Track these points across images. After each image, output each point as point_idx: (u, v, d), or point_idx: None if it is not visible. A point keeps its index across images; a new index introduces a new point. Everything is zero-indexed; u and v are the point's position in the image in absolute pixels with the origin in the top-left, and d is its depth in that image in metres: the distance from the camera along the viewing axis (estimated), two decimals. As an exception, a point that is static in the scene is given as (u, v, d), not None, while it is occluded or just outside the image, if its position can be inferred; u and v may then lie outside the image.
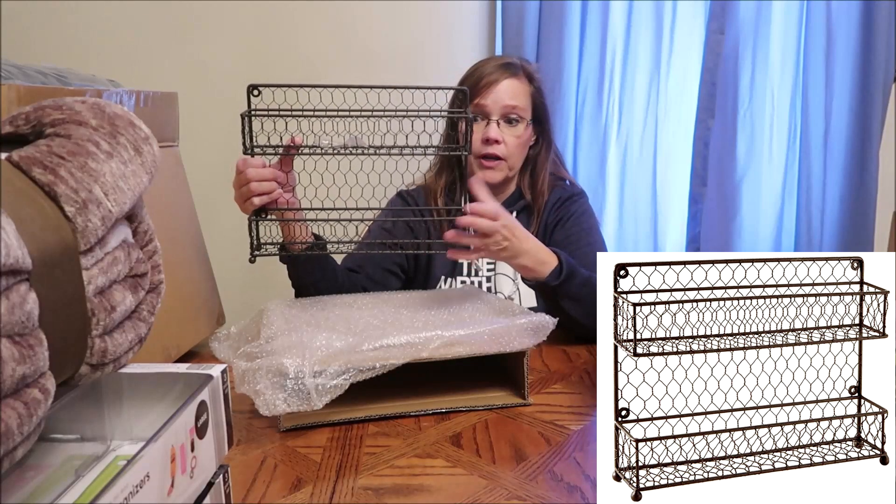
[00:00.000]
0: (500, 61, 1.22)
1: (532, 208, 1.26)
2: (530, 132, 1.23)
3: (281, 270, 1.82)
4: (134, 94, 0.93)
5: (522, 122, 1.20)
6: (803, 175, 1.77)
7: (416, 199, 1.29)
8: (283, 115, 0.85)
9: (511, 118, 1.19)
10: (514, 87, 1.20)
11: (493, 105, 1.18)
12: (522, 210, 1.27)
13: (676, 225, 1.84)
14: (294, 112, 0.85)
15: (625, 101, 1.76)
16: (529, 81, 1.23)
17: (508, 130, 1.20)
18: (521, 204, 1.27)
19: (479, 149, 1.19)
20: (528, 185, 1.27)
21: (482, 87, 1.18)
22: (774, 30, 1.73)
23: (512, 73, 1.20)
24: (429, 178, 1.31)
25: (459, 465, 0.70)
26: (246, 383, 0.73)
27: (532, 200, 1.27)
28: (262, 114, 0.85)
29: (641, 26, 1.73)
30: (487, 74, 1.19)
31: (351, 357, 0.75)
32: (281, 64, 1.75)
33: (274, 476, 0.68)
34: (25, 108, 0.37)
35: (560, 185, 1.29)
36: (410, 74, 1.79)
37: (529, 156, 1.26)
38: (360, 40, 1.76)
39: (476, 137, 1.19)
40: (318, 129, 0.86)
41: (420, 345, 0.77)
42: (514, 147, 1.20)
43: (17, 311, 0.28)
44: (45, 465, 0.40)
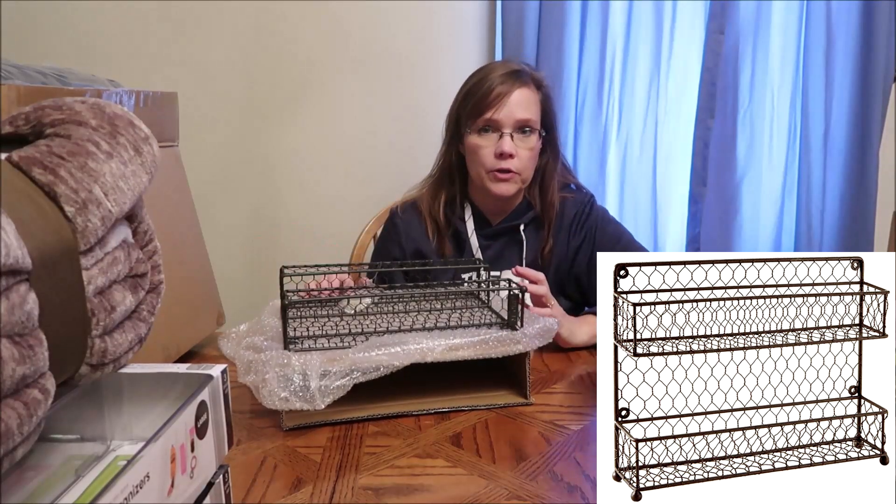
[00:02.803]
0: (507, 69, 1.18)
1: (542, 220, 1.24)
2: (540, 141, 1.21)
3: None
4: (134, 94, 0.93)
5: (534, 133, 1.18)
6: (803, 175, 1.77)
7: (409, 223, 1.26)
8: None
9: (525, 129, 1.17)
10: (526, 97, 1.17)
11: (507, 119, 1.15)
12: (531, 222, 1.24)
13: (676, 225, 1.84)
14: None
15: (625, 101, 1.76)
16: (538, 89, 1.20)
17: (521, 143, 1.17)
18: (530, 215, 1.24)
19: (492, 163, 1.17)
20: (538, 196, 1.24)
21: (493, 99, 1.15)
22: (774, 30, 1.73)
23: (522, 83, 1.17)
24: (424, 193, 1.28)
25: (460, 465, 0.70)
26: (252, 373, 0.73)
27: (542, 212, 1.24)
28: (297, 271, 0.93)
29: (641, 26, 1.73)
30: (497, 85, 1.15)
31: (356, 358, 0.75)
32: (280, 64, 1.75)
33: (274, 476, 0.68)
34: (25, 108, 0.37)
35: (570, 198, 1.26)
36: (410, 74, 1.79)
37: (538, 165, 1.23)
38: (359, 40, 1.76)
39: (488, 151, 1.17)
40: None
41: (426, 348, 0.77)
42: (527, 159, 1.18)
43: (17, 311, 0.28)
44: (45, 465, 0.40)
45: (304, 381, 0.71)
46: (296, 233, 1.83)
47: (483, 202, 1.25)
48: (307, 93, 1.77)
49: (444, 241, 1.24)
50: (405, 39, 1.77)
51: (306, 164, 1.81)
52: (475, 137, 1.18)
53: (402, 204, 1.30)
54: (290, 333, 0.81)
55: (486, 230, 1.25)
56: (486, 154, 1.17)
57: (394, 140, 1.81)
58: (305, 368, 0.72)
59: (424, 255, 1.24)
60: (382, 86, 1.78)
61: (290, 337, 0.80)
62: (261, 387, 0.72)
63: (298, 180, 1.81)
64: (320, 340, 0.81)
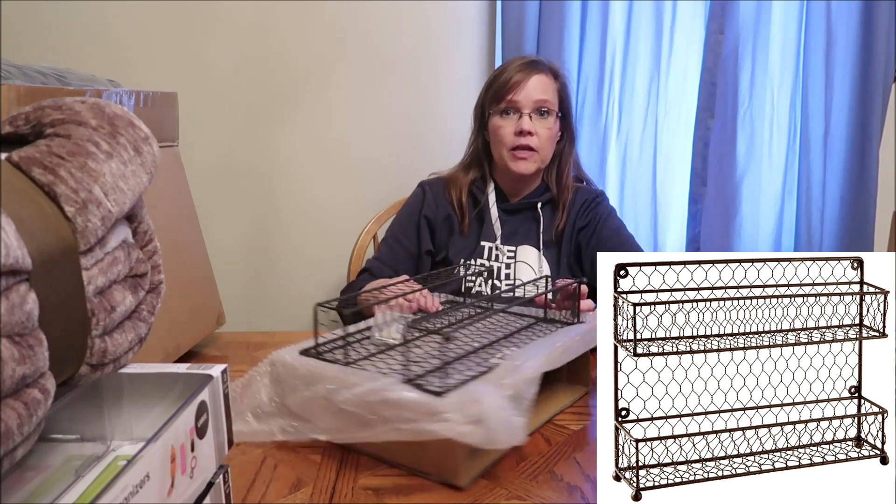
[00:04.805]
0: (525, 60, 1.30)
1: (557, 202, 1.32)
2: (558, 126, 1.30)
3: (279, 271, 1.83)
4: (134, 94, 0.93)
5: (552, 115, 1.27)
6: (803, 175, 1.77)
7: (435, 191, 1.35)
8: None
9: (542, 110, 1.26)
10: (543, 82, 1.27)
11: (525, 100, 1.25)
12: (548, 203, 1.33)
13: (676, 225, 1.84)
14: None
15: (625, 101, 1.76)
16: (555, 78, 1.30)
17: (540, 123, 1.26)
18: (547, 196, 1.32)
19: (512, 140, 1.26)
20: (554, 180, 1.33)
21: (513, 84, 1.25)
22: (774, 30, 1.73)
23: (539, 70, 1.27)
24: (455, 171, 1.37)
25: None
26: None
27: (557, 194, 1.32)
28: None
29: (641, 26, 1.73)
30: (516, 73, 1.26)
31: (515, 382, 0.69)
32: (281, 64, 1.75)
33: (274, 476, 0.68)
34: (25, 108, 0.37)
35: (583, 187, 1.36)
36: (410, 74, 1.79)
37: (555, 151, 1.32)
38: (359, 40, 1.76)
39: (508, 130, 1.26)
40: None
41: (550, 360, 0.75)
42: (545, 139, 1.27)
43: (17, 311, 0.28)
44: (45, 465, 0.39)
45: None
46: (296, 232, 1.83)
47: (504, 182, 1.34)
48: (307, 93, 1.77)
49: (465, 215, 1.32)
50: (405, 40, 1.77)
51: (307, 164, 1.81)
52: (497, 119, 1.28)
53: (430, 178, 1.40)
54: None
55: (506, 205, 1.33)
56: (507, 133, 1.26)
57: (395, 140, 1.81)
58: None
59: (451, 222, 1.33)
60: (383, 86, 1.78)
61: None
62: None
63: (299, 180, 1.81)
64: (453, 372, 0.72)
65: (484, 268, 1.26)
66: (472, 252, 1.30)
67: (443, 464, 0.66)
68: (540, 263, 1.29)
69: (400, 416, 0.64)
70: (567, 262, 1.32)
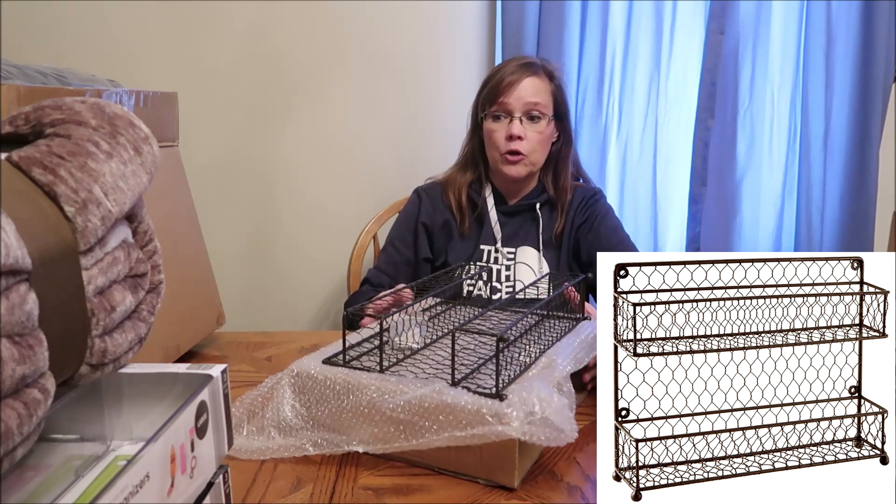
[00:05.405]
0: (520, 61, 1.28)
1: (555, 203, 1.32)
2: (552, 129, 1.29)
3: (279, 271, 1.83)
4: (134, 94, 0.93)
5: (544, 119, 1.26)
6: (803, 175, 1.77)
7: (432, 197, 1.34)
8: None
9: (533, 115, 1.25)
10: (536, 84, 1.26)
11: (516, 102, 1.24)
12: (545, 203, 1.32)
13: (676, 225, 1.84)
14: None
15: (625, 101, 1.76)
16: (550, 79, 1.29)
17: (531, 127, 1.25)
18: (544, 198, 1.32)
19: (503, 145, 1.25)
20: (552, 181, 1.32)
21: (504, 86, 1.24)
22: (774, 30, 1.73)
23: (532, 72, 1.26)
24: (451, 173, 1.36)
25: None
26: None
27: (555, 196, 1.32)
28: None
29: (641, 26, 1.73)
30: (509, 74, 1.25)
31: (559, 378, 0.70)
32: (281, 64, 1.75)
33: (274, 476, 0.68)
34: (25, 108, 0.37)
35: (580, 186, 1.35)
36: (410, 75, 1.79)
37: (552, 152, 1.31)
38: (359, 40, 1.76)
39: (500, 135, 1.26)
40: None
41: (580, 356, 0.77)
42: (536, 143, 1.26)
43: (17, 311, 0.28)
44: (45, 465, 0.39)
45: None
46: (296, 233, 1.82)
47: (501, 184, 1.34)
48: (307, 93, 1.77)
49: (465, 217, 1.32)
50: (405, 40, 1.77)
51: (307, 164, 1.80)
52: (490, 123, 1.28)
53: (426, 183, 1.39)
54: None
55: (504, 207, 1.33)
56: (499, 137, 1.26)
57: (395, 140, 1.81)
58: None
59: (448, 227, 1.32)
60: (383, 86, 1.78)
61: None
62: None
63: (299, 180, 1.81)
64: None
65: (483, 269, 1.26)
66: (471, 256, 1.30)
67: (497, 466, 0.65)
68: (540, 264, 1.29)
69: (456, 420, 0.63)
70: (567, 261, 1.32)
